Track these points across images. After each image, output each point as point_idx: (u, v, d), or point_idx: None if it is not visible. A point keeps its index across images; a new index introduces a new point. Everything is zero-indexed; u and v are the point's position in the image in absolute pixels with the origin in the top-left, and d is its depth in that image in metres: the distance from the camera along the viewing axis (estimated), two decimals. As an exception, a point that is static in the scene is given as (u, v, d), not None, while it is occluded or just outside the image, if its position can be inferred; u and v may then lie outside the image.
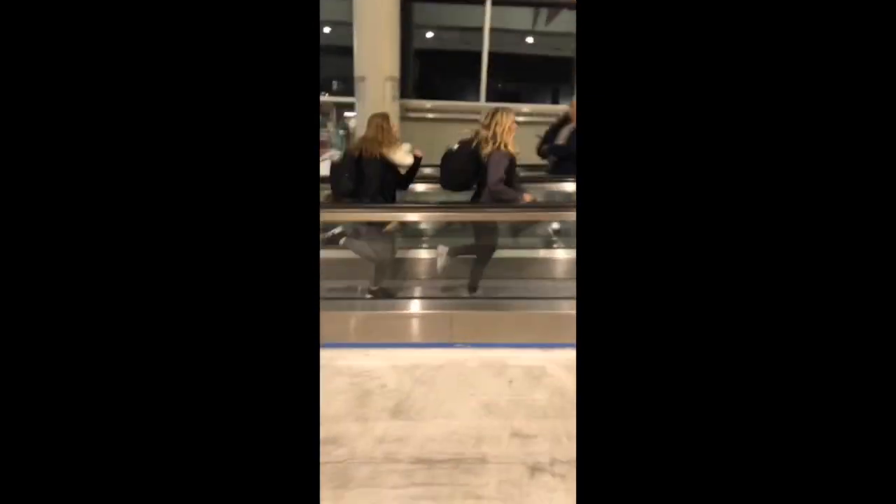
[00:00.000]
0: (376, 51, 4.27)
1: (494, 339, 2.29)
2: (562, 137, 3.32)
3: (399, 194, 2.86)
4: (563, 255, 3.29)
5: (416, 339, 2.37)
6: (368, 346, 2.18)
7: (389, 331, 2.48)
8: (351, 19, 4.28)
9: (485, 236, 2.79)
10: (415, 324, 2.50)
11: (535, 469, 1.44)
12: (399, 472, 1.42)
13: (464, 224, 3.03)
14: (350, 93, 4.49)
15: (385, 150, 2.61)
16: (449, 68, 6.65)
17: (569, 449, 1.54)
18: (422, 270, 3.11)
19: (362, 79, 4.25)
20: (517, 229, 3.32)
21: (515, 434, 1.61)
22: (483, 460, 1.48)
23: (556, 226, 3.53)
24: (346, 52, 4.40)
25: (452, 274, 2.84)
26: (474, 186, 2.74)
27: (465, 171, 2.64)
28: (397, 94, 4.44)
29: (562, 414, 1.72)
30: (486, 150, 2.57)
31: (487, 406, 1.76)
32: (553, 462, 1.47)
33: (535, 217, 2.85)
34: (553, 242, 3.48)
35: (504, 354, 2.12)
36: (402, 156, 2.65)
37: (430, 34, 6.48)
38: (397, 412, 1.72)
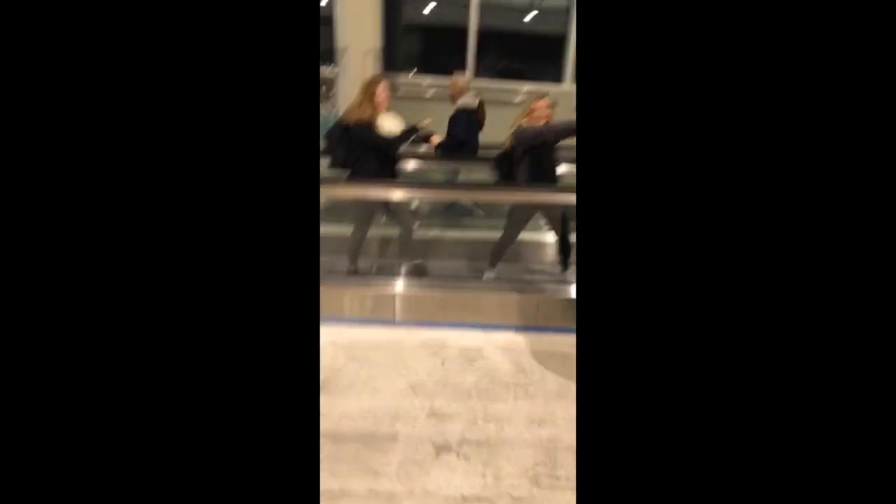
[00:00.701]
0: (358, 21, 4.15)
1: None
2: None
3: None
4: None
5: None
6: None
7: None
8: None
9: (518, 213, 2.70)
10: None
11: (441, 449, 1.44)
12: (306, 446, 1.42)
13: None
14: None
15: (370, 116, 2.47)
16: (448, 43, 6.47)
17: (483, 430, 1.53)
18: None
19: (344, 50, 4.15)
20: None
21: (433, 414, 1.60)
22: (393, 438, 1.48)
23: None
24: (326, 21, 4.28)
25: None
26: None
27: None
28: (380, 67, 4.33)
29: (486, 396, 1.71)
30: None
31: (414, 385, 1.75)
32: (462, 443, 1.47)
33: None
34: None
35: (445, 335, 2.11)
36: (390, 124, 2.49)
37: (428, 8, 6.29)
38: (322, 388, 1.72)
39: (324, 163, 2.59)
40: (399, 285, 2.33)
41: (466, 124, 3.13)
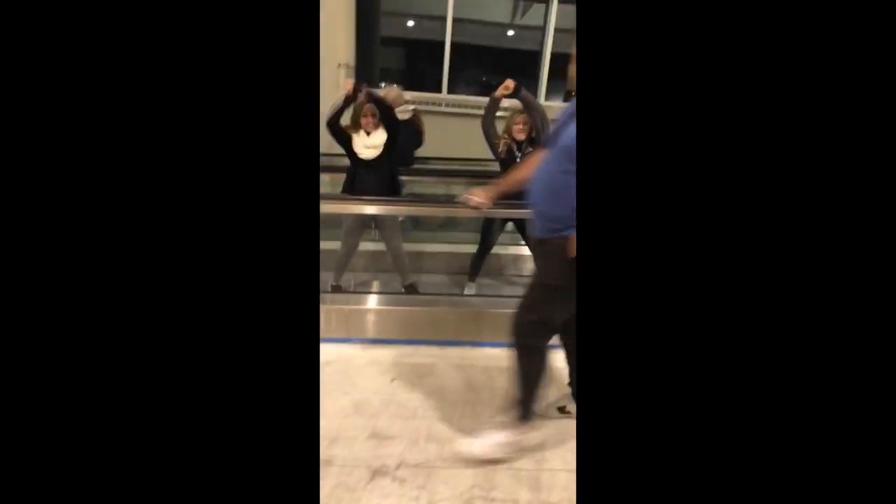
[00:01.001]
0: (330, 35, 4.15)
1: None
2: None
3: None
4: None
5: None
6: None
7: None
8: None
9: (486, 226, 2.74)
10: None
11: (377, 472, 1.38)
12: (235, 470, 1.36)
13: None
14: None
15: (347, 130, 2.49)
16: (431, 58, 6.52)
17: (424, 451, 1.48)
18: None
19: (314, 64, 4.14)
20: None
21: (374, 435, 1.55)
22: (329, 462, 1.42)
23: None
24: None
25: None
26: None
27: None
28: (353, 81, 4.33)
29: (431, 415, 1.66)
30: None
31: (358, 405, 1.70)
32: (400, 465, 1.42)
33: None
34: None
35: (397, 352, 2.06)
36: (361, 147, 2.48)
37: (410, 23, 6.35)
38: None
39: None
40: (367, 301, 2.28)
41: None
